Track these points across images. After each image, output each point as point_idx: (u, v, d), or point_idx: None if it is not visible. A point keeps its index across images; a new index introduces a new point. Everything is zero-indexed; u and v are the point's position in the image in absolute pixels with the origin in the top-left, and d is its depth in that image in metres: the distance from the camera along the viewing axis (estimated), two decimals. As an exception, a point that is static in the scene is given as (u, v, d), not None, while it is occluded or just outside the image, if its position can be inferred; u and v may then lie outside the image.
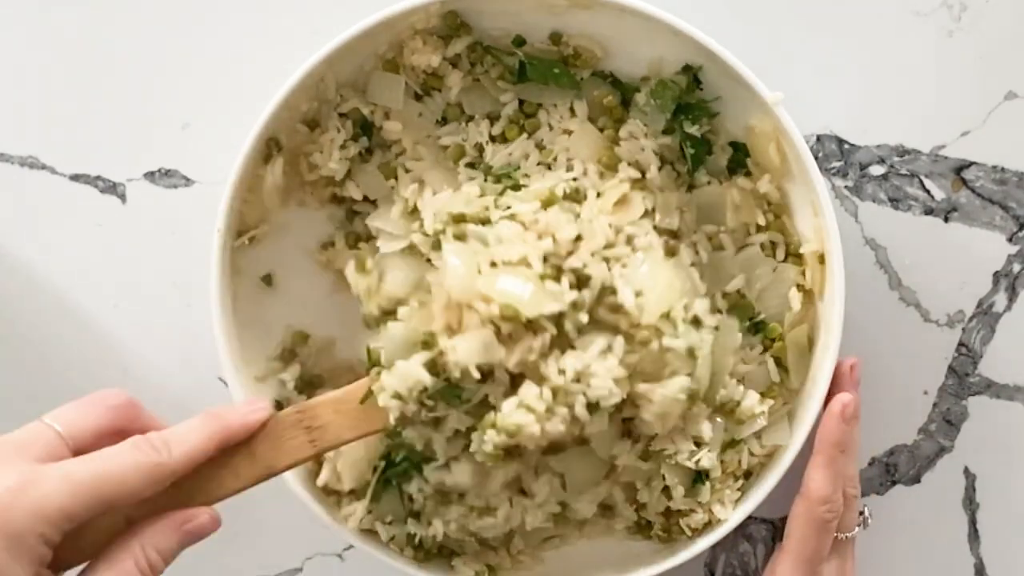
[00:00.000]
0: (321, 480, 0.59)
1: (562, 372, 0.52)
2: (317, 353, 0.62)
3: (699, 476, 0.58)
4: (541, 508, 0.58)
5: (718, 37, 0.56)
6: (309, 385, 0.62)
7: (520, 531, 0.61)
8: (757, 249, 0.60)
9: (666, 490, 0.59)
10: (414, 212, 0.59)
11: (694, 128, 0.59)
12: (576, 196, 0.57)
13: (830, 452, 0.57)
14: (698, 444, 0.58)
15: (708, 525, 0.59)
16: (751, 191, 0.60)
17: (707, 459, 0.57)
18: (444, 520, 0.58)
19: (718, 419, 0.58)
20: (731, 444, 0.59)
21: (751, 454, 0.59)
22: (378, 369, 0.54)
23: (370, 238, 0.61)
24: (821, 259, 0.58)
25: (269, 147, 0.59)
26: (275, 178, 0.59)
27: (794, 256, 0.60)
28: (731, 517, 0.58)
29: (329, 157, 0.60)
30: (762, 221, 0.60)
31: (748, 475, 0.60)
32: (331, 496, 0.60)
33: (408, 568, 0.59)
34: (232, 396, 0.58)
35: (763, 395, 0.59)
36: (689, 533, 0.59)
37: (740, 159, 0.60)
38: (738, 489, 0.59)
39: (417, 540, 0.60)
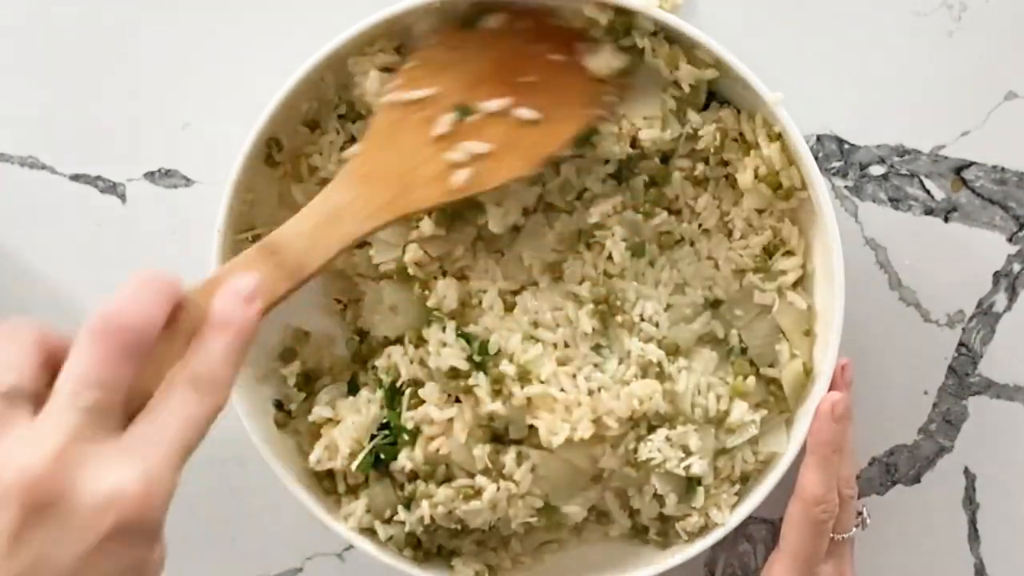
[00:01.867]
0: (313, 458, 0.59)
1: None
2: (318, 351, 0.62)
3: (691, 483, 0.58)
4: (524, 500, 0.58)
5: (717, 37, 0.56)
6: (308, 380, 0.62)
7: (516, 536, 0.61)
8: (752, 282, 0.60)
9: (659, 496, 0.59)
10: None
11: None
12: None
13: (822, 452, 0.57)
14: (687, 452, 0.58)
15: (705, 528, 0.59)
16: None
17: (698, 465, 0.57)
18: (432, 503, 0.57)
19: (709, 428, 0.59)
20: (724, 451, 0.59)
21: (745, 461, 0.59)
22: None
23: (364, 243, 0.61)
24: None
25: (269, 147, 0.59)
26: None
27: (789, 252, 0.60)
28: (728, 521, 0.58)
29: (328, 159, 0.60)
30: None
31: (745, 479, 0.60)
32: (331, 496, 0.60)
33: (408, 568, 0.59)
34: (232, 398, 0.58)
35: (758, 405, 0.59)
36: (685, 537, 0.59)
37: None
38: (735, 494, 0.59)
39: (416, 539, 0.60)
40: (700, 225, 0.61)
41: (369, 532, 0.60)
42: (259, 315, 0.46)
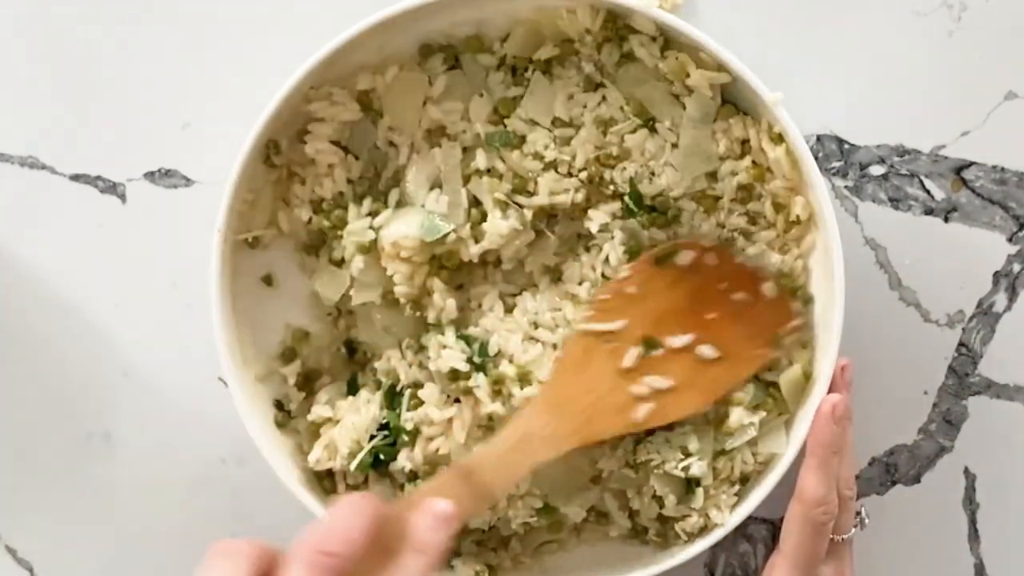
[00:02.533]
0: (312, 458, 0.59)
1: None
2: (318, 351, 0.62)
3: (690, 484, 0.58)
4: (523, 501, 0.58)
5: (717, 37, 0.56)
6: (308, 380, 0.62)
7: (516, 536, 0.61)
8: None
9: (658, 497, 0.59)
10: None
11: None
12: None
13: (822, 454, 0.56)
14: (685, 454, 0.58)
15: (704, 529, 0.59)
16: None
17: (697, 467, 0.57)
18: None
19: (708, 429, 0.58)
20: (723, 452, 0.59)
21: (744, 462, 0.59)
22: None
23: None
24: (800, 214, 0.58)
25: (268, 149, 0.59)
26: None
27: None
28: (728, 521, 0.58)
29: (318, 184, 0.60)
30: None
31: (744, 480, 0.60)
32: (331, 496, 0.60)
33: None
34: (232, 396, 0.58)
35: (756, 407, 0.59)
36: (685, 538, 0.59)
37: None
38: (735, 494, 0.59)
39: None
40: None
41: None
42: (450, 537, 0.48)
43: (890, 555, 0.66)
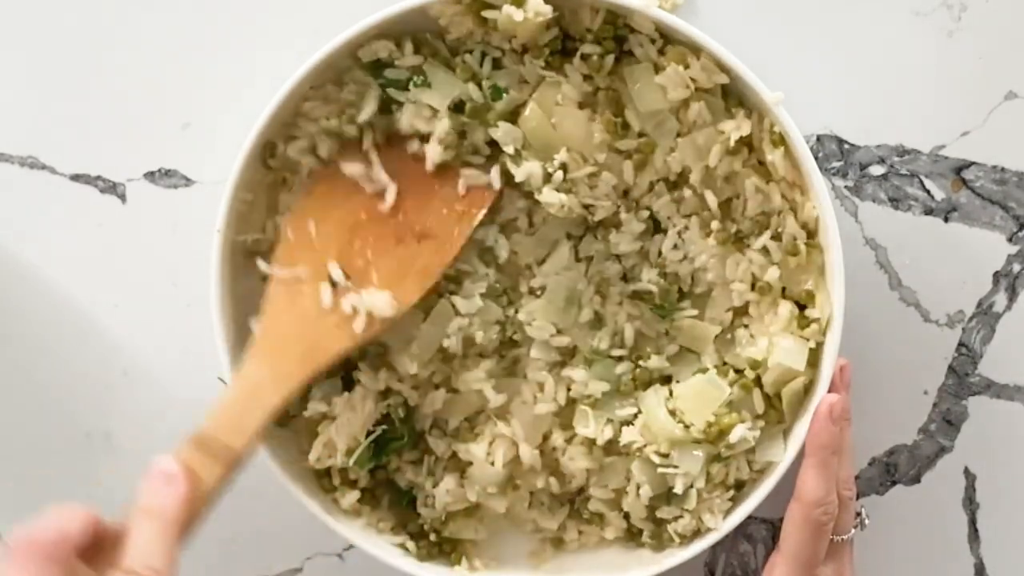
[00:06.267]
0: (313, 457, 0.59)
1: None
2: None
3: (666, 478, 0.58)
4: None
5: (717, 37, 0.56)
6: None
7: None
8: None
9: (639, 489, 0.59)
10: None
11: None
12: None
13: (821, 454, 0.56)
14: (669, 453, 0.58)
15: (697, 532, 0.59)
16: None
17: (680, 481, 0.57)
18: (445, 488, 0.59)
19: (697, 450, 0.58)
20: (718, 458, 0.58)
21: (739, 470, 0.59)
22: None
23: None
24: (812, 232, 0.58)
25: (265, 151, 0.59)
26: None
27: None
28: (721, 527, 0.58)
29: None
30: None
31: (740, 486, 0.60)
32: (330, 495, 0.60)
33: (408, 568, 0.59)
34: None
35: (756, 418, 0.58)
36: (678, 540, 0.59)
37: None
38: (728, 499, 0.59)
39: (420, 535, 0.60)
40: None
41: (369, 532, 0.60)
42: (186, 498, 0.48)
43: (890, 555, 0.66)
